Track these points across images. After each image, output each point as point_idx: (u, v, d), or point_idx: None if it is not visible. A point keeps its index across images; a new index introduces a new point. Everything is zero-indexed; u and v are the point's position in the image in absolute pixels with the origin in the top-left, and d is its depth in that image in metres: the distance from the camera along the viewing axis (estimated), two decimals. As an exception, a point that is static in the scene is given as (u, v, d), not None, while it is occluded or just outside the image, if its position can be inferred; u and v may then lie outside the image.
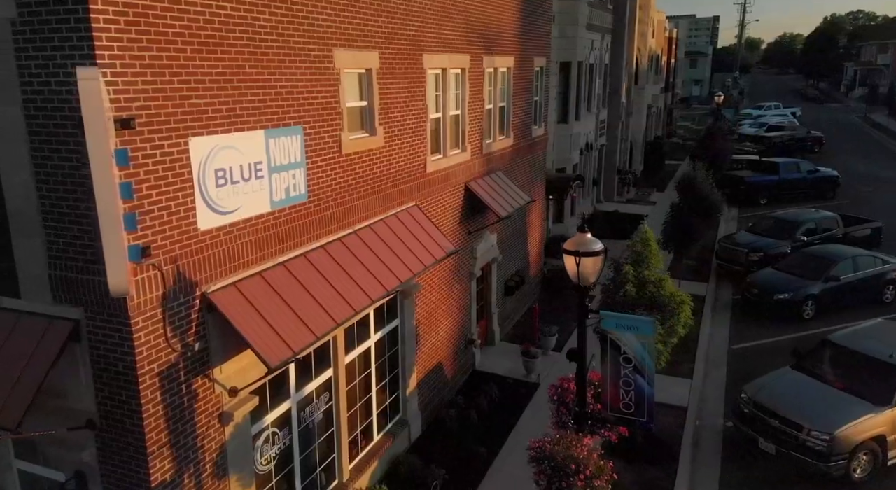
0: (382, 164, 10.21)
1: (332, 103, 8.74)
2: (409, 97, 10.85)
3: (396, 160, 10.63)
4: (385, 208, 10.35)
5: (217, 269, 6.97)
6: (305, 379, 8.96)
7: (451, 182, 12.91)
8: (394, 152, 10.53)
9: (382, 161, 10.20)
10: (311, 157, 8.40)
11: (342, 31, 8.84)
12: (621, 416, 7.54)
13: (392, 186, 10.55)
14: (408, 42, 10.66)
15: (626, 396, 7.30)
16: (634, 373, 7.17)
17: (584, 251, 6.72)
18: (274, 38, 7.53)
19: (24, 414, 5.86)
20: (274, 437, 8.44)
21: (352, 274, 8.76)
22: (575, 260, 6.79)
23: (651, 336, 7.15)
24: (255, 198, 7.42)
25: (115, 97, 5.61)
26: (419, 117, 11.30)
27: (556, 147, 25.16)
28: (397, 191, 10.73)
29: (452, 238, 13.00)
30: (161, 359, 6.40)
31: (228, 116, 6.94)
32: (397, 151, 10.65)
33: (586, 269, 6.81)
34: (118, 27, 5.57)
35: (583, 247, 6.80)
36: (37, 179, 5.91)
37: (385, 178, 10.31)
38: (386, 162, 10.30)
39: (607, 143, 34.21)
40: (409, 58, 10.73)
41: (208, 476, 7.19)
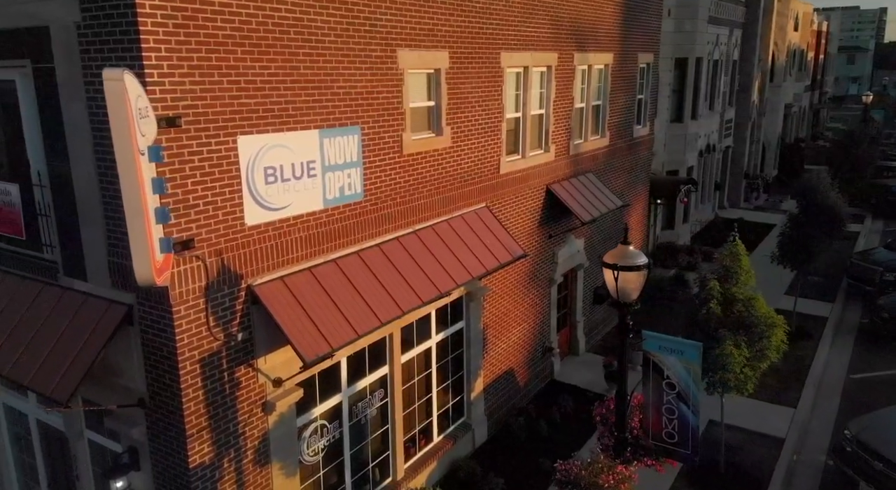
0: (448, 165, 10.21)
1: (393, 104, 8.85)
2: (481, 96, 10.76)
3: (465, 161, 10.58)
4: (450, 209, 10.35)
5: (264, 263, 7.30)
6: (358, 374, 9.17)
7: (530, 183, 12.65)
8: (462, 152, 10.49)
9: (448, 161, 10.19)
10: (369, 156, 8.56)
11: (408, 32, 8.93)
12: (663, 445, 7.02)
13: (459, 187, 10.52)
14: (483, 41, 10.57)
15: (669, 425, 6.79)
16: (678, 400, 6.65)
17: (622, 265, 6.32)
18: (332, 39, 7.75)
19: (75, 388, 6.48)
20: (322, 429, 8.71)
21: (405, 274, 8.85)
22: (613, 274, 6.40)
23: (696, 362, 6.59)
24: (306, 196, 7.68)
25: (161, 96, 6.05)
26: (493, 117, 11.18)
27: (668, 148, 23.93)
28: (465, 192, 10.69)
29: (528, 242, 12.76)
30: (202, 346, 6.80)
31: (280, 116, 7.23)
32: (466, 152, 10.60)
33: (627, 284, 6.40)
34: (166, 30, 5.98)
35: (623, 260, 6.40)
36: (98, 172, 6.50)
37: (451, 179, 10.30)
38: (453, 162, 10.29)
39: (734, 144, 32.01)
40: (484, 56, 10.64)
41: (249, 462, 7.56)
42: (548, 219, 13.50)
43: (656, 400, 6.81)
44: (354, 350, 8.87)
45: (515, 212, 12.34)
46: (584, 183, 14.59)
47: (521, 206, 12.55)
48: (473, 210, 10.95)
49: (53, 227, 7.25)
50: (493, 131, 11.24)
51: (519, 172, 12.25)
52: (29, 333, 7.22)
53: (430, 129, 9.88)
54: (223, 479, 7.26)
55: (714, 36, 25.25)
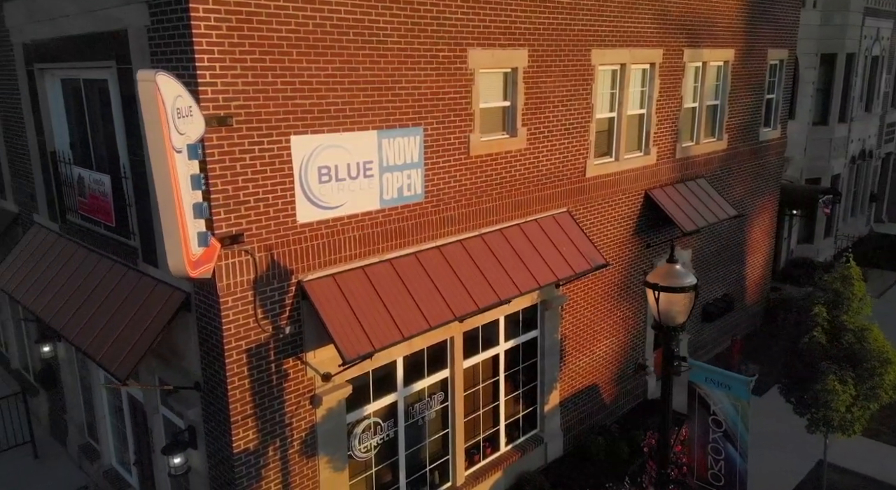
0: (523, 167, 9.98)
1: (461, 104, 8.80)
2: (566, 96, 10.40)
3: (542, 163, 10.29)
4: (523, 213, 10.11)
5: (315, 259, 7.55)
6: (416, 375, 9.24)
7: (624, 188, 12.06)
8: (539, 154, 10.21)
9: (523, 163, 9.96)
10: (431, 157, 8.58)
11: (481, 31, 8.83)
12: (708, 487, 6.36)
13: (535, 190, 10.25)
14: (570, 37, 10.21)
15: (716, 465, 6.15)
16: (725, 439, 5.99)
17: (665, 285, 5.80)
18: (395, 39, 7.85)
19: (133, 367, 7.08)
20: (376, 426, 8.87)
21: (463, 278, 8.78)
22: (654, 294, 5.90)
23: (745, 400, 5.89)
24: (362, 195, 7.85)
25: (212, 97, 6.44)
26: (579, 117, 10.77)
27: (809, 153, 21.79)
28: (542, 195, 10.40)
29: (619, 251, 12.18)
30: (250, 337, 7.17)
31: (336, 117, 7.44)
32: (545, 153, 10.30)
33: (672, 306, 5.86)
34: (219, 33, 6.36)
35: (668, 280, 5.87)
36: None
37: (525, 182, 10.06)
38: (528, 164, 10.05)
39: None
40: (570, 54, 10.28)
41: (296, 452, 7.87)
42: (646, 227, 12.80)
43: (702, 436, 6.21)
44: (411, 351, 8.95)
45: (604, 218, 11.82)
46: (692, 189, 13.66)
47: (613, 212, 11.99)
48: (551, 215, 10.63)
49: (134, 216, 7.97)
50: (578, 132, 10.84)
51: (610, 176, 11.71)
52: (109, 313, 8.00)
53: (503, 130, 9.71)
54: (267, 467, 7.62)
55: (873, 29, 22.61)
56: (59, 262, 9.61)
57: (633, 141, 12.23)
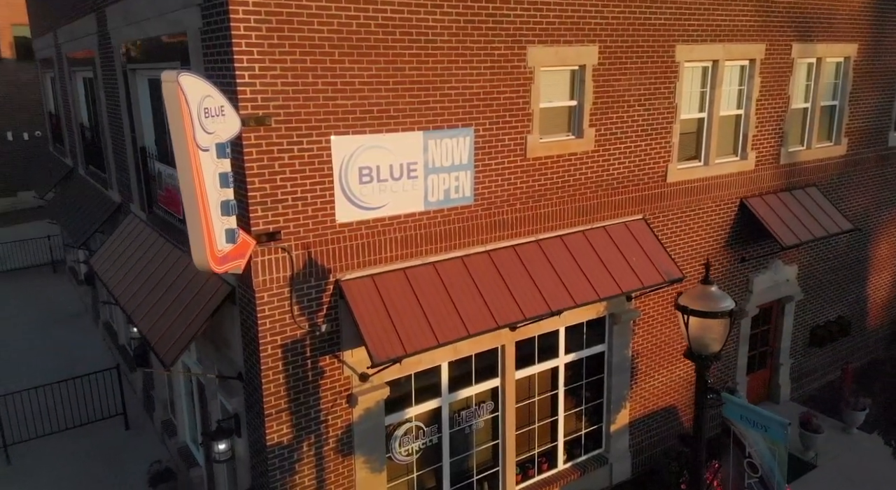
0: (590, 170, 9.56)
1: (518, 104, 8.57)
2: (643, 95, 9.84)
3: (613, 166, 9.80)
4: (588, 219, 9.69)
5: (354, 259, 7.66)
6: (463, 382, 9.14)
7: (714, 195, 11.24)
8: (610, 157, 9.73)
9: (590, 166, 9.54)
10: (483, 159, 8.42)
11: (543, 27, 8.55)
12: None
13: (603, 196, 9.79)
14: (649, 33, 9.64)
15: (751, 511, 5.51)
16: (761, 486, 5.34)
17: (697, 309, 5.26)
18: (445, 38, 7.78)
19: (178, 355, 7.53)
20: (418, 431, 8.88)
21: (512, 286, 8.55)
22: (683, 318, 5.38)
23: (782, 444, 5.20)
24: (405, 196, 7.86)
25: (251, 97, 6.69)
26: (660, 118, 10.15)
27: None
28: (612, 201, 9.91)
29: (709, 264, 11.37)
30: (285, 332, 7.40)
31: (380, 117, 7.49)
32: (616, 156, 9.81)
33: (706, 332, 5.30)
34: (259, 34, 6.58)
35: (701, 303, 5.32)
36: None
37: (592, 186, 9.63)
38: (596, 168, 9.61)
39: None
40: (649, 50, 9.71)
41: (331, 450, 8.04)
42: (740, 238, 11.87)
43: (737, 480, 5.60)
44: (457, 356, 8.86)
45: (688, 227, 11.08)
46: (798, 198, 12.50)
47: (699, 221, 11.22)
48: (623, 222, 10.11)
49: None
50: (658, 134, 10.22)
51: (697, 182, 10.96)
52: (169, 301, 8.57)
53: (567, 130, 9.35)
54: (301, 462, 7.83)
55: None
56: (142, 249, 10.43)
57: (726, 144, 11.36)
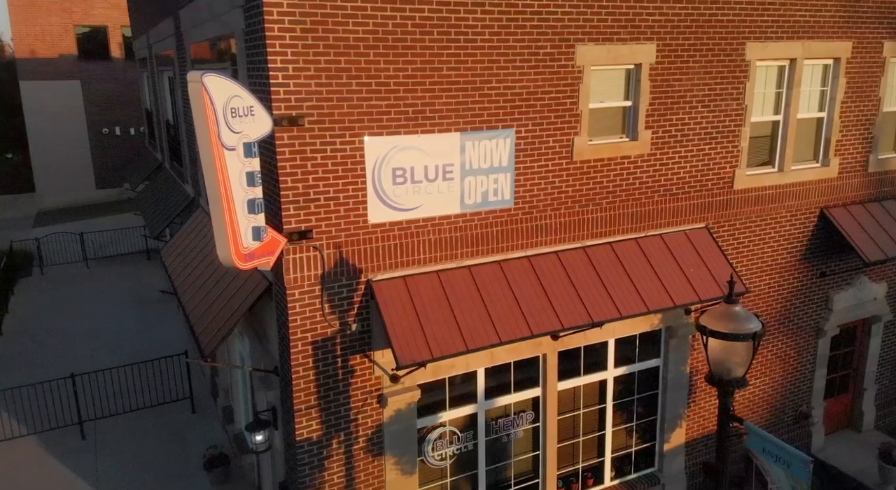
0: (645, 175, 9.15)
1: (564, 105, 8.33)
2: (707, 95, 9.32)
3: (673, 171, 9.34)
4: (642, 226, 9.29)
5: (386, 260, 7.71)
6: (500, 389, 9.00)
7: (790, 204, 10.51)
8: (669, 161, 9.28)
9: (645, 171, 9.14)
10: (525, 161, 8.25)
11: (594, 24, 8.27)
12: None
13: (660, 202, 9.35)
14: (715, 30, 9.11)
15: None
16: None
17: (718, 330, 4.85)
18: (486, 37, 7.67)
19: (216, 346, 7.84)
20: (452, 435, 8.83)
21: (551, 293, 8.33)
22: (703, 339, 4.99)
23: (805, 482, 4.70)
24: (440, 198, 7.82)
25: (284, 97, 6.85)
26: (727, 120, 9.58)
27: None
28: (670, 207, 9.45)
29: (777, 278, 10.66)
30: (316, 330, 7.55)
31: (415, 118, 7.49)
32: (676, 160, 9.34)
33: (728, 356, 4.90)
34: (293, 35, 6.73)
35: (723, 323, 4.91)
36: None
37: (648, 191, 9.22)
38: (652, 172, 9.19)
39: None
40: (714, 48, 9.18)
41: (360, 449, 8.14)
42: (820, 252, 11.05)
43: (757, 513, 5.15)
44: (494, 363, 8.73)
45: (758, 238, 10.41)
46: (890, 210, 11.47)
47: (772, 231, 10.52)
48: (682, 231, 9.62)
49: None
50: (724, 137, 9.65)
51: (770, 189, 10.28)
52: (217, 293, 8.94)
53: (621, 132, 9.00)
54: (330, 459, 7.97)
55: None
56: (203, 241, 10.95)
57: (805, 149, 10.58)
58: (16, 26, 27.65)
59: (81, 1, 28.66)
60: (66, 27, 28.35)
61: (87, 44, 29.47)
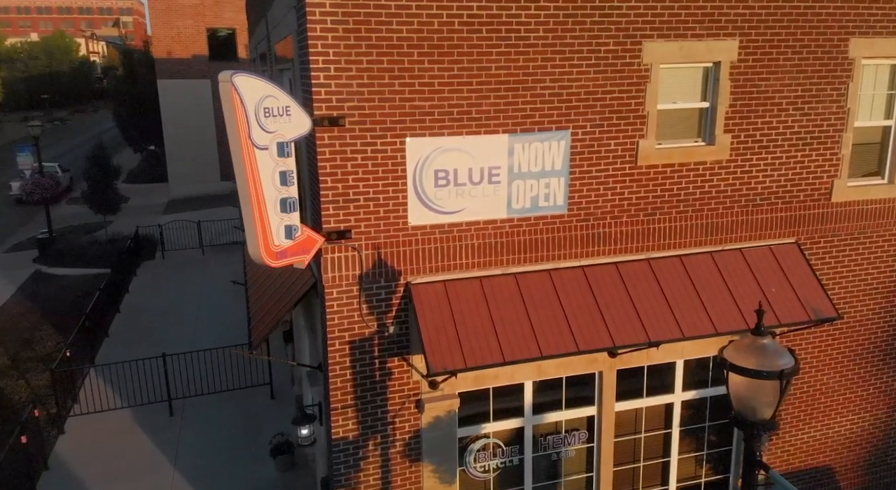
0: (723, 183, 8.41)
1: (629, 105, 7.82)
2: (800, 97, 8.41)
3: (756, 179, 8.52)
4: (719, 239, 8.55)
5: (426, 263, 7.60)
6: (550, 405, 8.64)
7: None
8: (752, 168, 8.48)
9: (723, 178, 8.39)
10: (581, 165, 7.83)
11: (664, 19, 7.69)
12: None
13: (741, 213, 8.56)
14: (811, 24, 8.20)
15: None
16: None
17: (740, 365, 4.24)
18: (540, 34, 7.34)
19: (263, 339, 8.08)
20: (496, 448, 8.59)
21: (604, 307, 7.86)
22: (723, 372, 4.39)
23: None
24: (485, 202, 7.60)
25: (326, 97, 6.91)
26: (824, 124, 8.60)
27: None
28: (754, 220, 8.64)
29: (886, 304, 9.46)
30: (353, 330, 7.59)
31: (460, 119, 7.31)
32: (761, 168, 8.52)
33: (754, 394, 4.26)
34: (335, 35, 6.77)
35: (747, 358, 4.28)
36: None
37: (725, 201, 8.47)
38: (731, 180, 8.43)
39: None
40: (810, 45, 8.27)
41: (397, 453, 8.10)
42: (941, 275, 9.69)
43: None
44: (542, 377, 8.38)
45: (861, 257, 9.29)
46: None
47: (878, 250, 9.36)
48: (767, 245, 8.76)
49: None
50: (820, 143, 8.68)
51: (877, 203, 9.15)
52: (275, 287, 9.23)
53: (694, 136, 8.32)
54: (367, 460, 8.00)
55: None
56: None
57: (927, 158, 9.29)
58: (155, 29, 30.27)
59: (214, 5, 30.85)
60: (198, 30, 30.65)
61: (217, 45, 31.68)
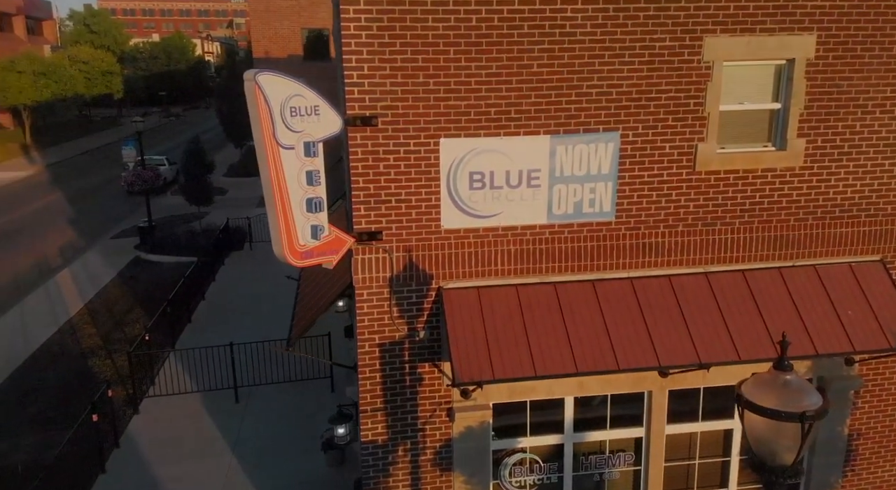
0: (795, 192, 7.66)
1: (686, 106, 7.25)
2: (889, 99, 7.50)
3: (835, 189, 7.70)
4: (789, 254, 7.79)
5: (460, 268, 7.37)
6: (592, 423, 8.20)
7: None
8: (830, 177, 7.67)
9: (795, 187, 7.64)
10: (631, 169, 7.34)
11: (729, 13, 7.07)
12: None
13: (816, 226, 7.77)
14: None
15: None
16: None
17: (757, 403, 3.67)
18: (587, 30, 6.93)
19: (299, 336, 8.13)
20: (533, 464, 8.25)
21: (651, 323, 7.34)
22: (738, 410, 3.84)
23: None
24: (523, 206, 7.28)
25: (359, 97, 6.82)
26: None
27: None
28: (831, 234, 7.82)
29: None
30: (384, 333, 7.48)
31: (497, 119, 7.03)
32: (841, 176, 7.70)
33: (774, 436, 3.69)
34: (369, 33, 6.65)
35: (766, 395, 3.70)
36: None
37: (797, 212, 7.72)
38: (805, 189, 7.67)
39: None
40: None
41: (428, 461, 7.94)
42: None
43: None
44: (584, 392, 7.95)
45: (965, 280, 8.19)
46: None
47: None
48: (847, 262, 7.91)
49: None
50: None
51: None
52: (320, 285, 9.29)
53: (763, 140, 7.61)
54: (396, 466, 7.89)
55: None
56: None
57: None
58: (254, 29, 31.57)
59: (309, 5, 31.77)
60: (294, 30, 31.68)
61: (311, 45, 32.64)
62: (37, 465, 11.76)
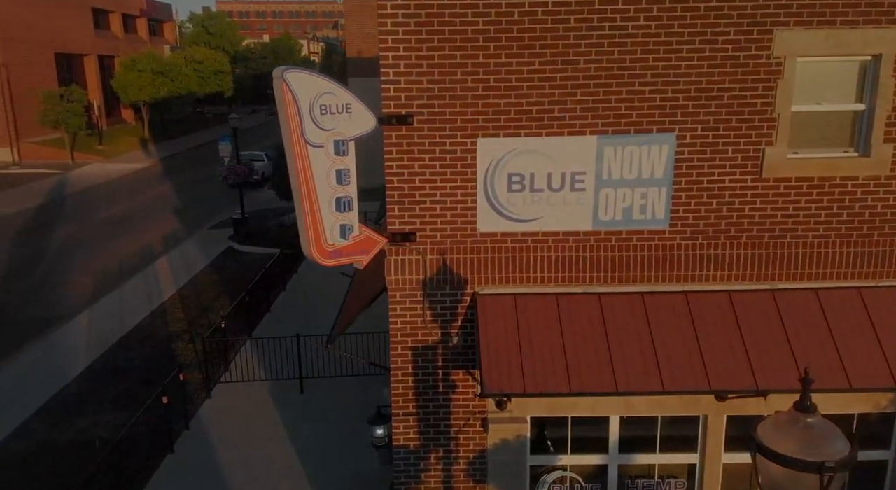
0: (881, 204, 6.81)
1: (753, 105, 6.58)
2: None
3: (927, 202, 6.76)
4: (871, 273, 6.95)
5: (496, 273, 7.06)
6: (641, 445, 7.66)
7: None
8: (922, 189, 6.73)
9: (880, 198, 6.79)
10: (689, 174, 6.75)
11: (804, 3, 6.34)
12: None
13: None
14: None
15: None
16: None
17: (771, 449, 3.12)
18: (641, 23, 6.42)
19: (339, 334, 8.08)
20: (574, 483, 7.81)
21: (704, 342, 6.73)
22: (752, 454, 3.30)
23: None
24: (567, 211, 6.86)
25: (395, 95, 6.64)
26: None
27: None
28: (923, 252, 6.88)
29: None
30: (416, 336, 7.29)
31: (539, 118, 6.65)
32: (936, 188, 6.73)
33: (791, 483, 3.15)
34: (406, 29, 6.46)
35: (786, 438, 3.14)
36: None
37: (882, 226, 6.86)
38: (892, 201, 6.78)
39: None
40: None
41: (461, 471, 7.68)
42: None
43: None
44: (630, 412, 7.43)
45: None
46: None
47: None
48: (943, 285, 6.94)
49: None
50: None
51: None
52: (363, 285, 9.22)
53: (843, 145, 6.80)
54: (428, 473, 7.69)
55: None
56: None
57: None
58: (349, 30, 32.17)
59: (401, 4, 32.06)
60: (385, 29, 32.05)
61: (400, 44, 32.91)
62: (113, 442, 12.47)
